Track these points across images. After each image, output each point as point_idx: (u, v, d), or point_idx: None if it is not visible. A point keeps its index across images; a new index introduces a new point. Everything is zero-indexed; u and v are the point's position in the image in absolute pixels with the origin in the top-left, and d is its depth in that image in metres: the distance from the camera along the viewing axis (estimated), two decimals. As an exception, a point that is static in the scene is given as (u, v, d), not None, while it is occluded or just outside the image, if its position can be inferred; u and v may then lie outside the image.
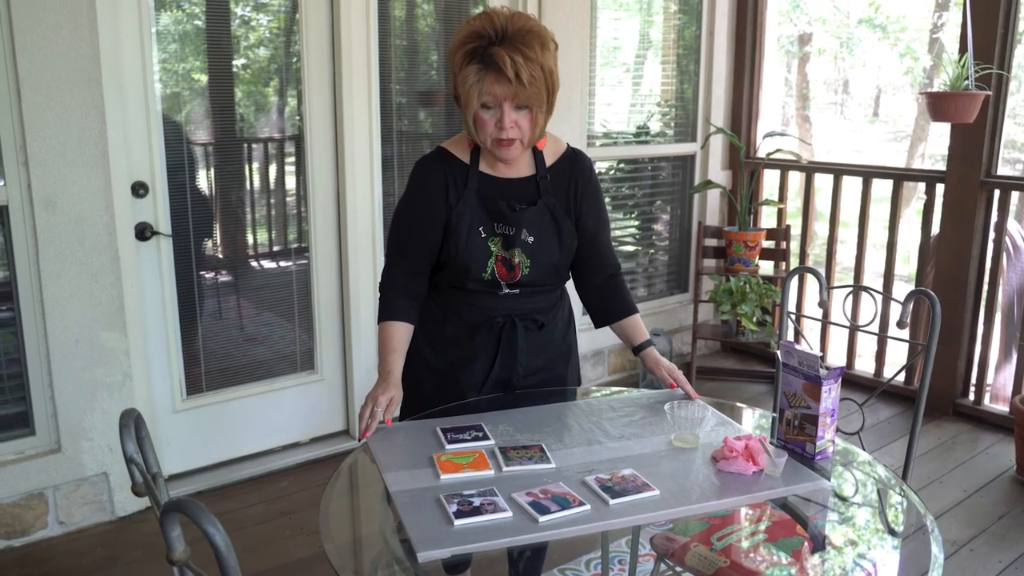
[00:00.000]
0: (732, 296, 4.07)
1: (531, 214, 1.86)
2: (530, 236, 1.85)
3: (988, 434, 3.75)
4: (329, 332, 3.46)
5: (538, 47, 1.71)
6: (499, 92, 1.71)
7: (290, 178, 3.38)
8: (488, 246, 1.85)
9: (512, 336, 1.91)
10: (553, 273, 1.92)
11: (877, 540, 1.52)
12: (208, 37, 3.06)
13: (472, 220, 1.84)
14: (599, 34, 4.14)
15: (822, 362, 1.62)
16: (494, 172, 1.88)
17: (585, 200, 1.94)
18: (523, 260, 1.86)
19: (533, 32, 1.72)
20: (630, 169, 4.49)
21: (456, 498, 1.43)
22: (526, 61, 1.68)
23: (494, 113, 1.74)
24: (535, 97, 1.72)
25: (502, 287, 1.88)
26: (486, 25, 1.71)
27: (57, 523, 2.84)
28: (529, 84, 1.70)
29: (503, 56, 1.67)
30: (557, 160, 1.93)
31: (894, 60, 11.17)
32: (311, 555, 2.76)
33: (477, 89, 1.71)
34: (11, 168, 2.60)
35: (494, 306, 1.90)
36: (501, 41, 1.69)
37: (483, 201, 1.86)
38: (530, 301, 1.93)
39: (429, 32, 3.65)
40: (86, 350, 2.78)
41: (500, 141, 1.77)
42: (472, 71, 1.71)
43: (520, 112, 1.75)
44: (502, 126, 1.74)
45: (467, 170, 1.87)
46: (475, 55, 1.71)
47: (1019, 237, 4.33)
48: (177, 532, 0.90)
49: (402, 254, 1.91)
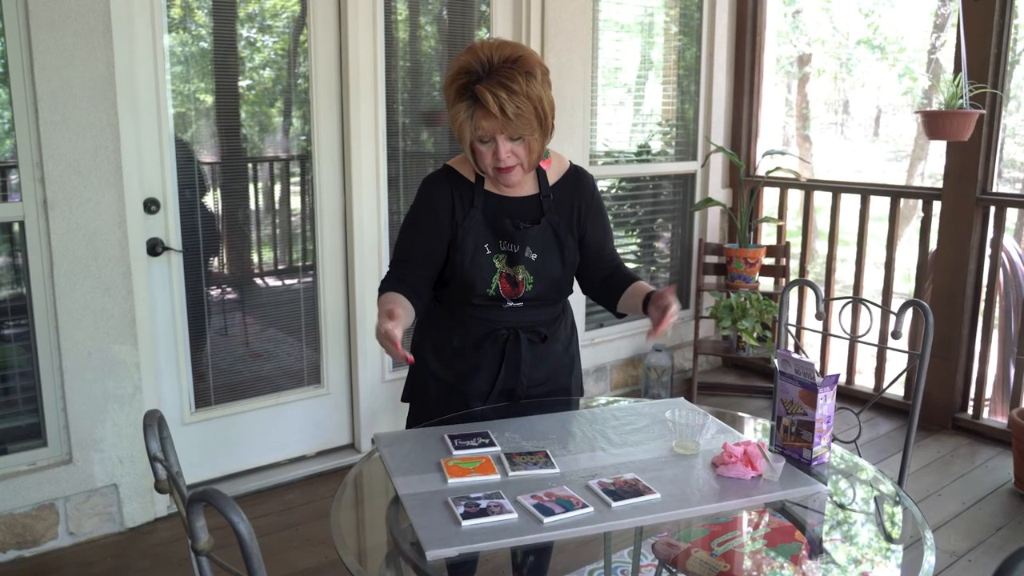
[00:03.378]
0: (733, 312, 4.12)
1: (535, 232, 1.90)
2: (533, 253, 1.90)
3: (987, 447, 3.79)
4: (335, 347, 3.51)
5: (522, 78, 1.72)
6: (488, 127, 1.75)
7: (296, 197, 3.45)
8: (493, 263, 1.90)
9: (516, 348, 1.96)
10: (555, 289, 1.97)
11: (874, 547, 1.56)
12: (215, 58, 3.14)
13: (477, 237, 1.89)
14: (601, 55, 4.22)
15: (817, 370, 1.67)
16: (499, 191, 1.93)
17: (589, 218, 1.99)
18: (526, 276, 1.91)
19: (519, 63, 1.74)
20: (631, 187, 4.55)
21: (463, 500, 1.48)
22: (509, 95, 1.71)
23: (490, 145, 1.79)
24: (524, 128, 1.76)
25: (506, 301, 1.93)
26: (472, 60, 1.74)
27: (67, 533, 2.88)
28: (516, 117, 1.73)
29: (485, 94, 1.70)
30: (560, 179, 1.98)
31: (893, 80, 11.27)
32: (318, 566, 2.79)
33: (469, 125, 1.76)
34: (28, 184, 2.67)
35: (498, 319, 1.95)
36: (487, 76, 1.72)
37: (488, 219, 1.90)
38: (533, 313, 1.98)
39: (432, 53, 3.73)
40: (98, 363, 2.84)
41: (500, 169, 1.82)
42: (462, 108, 1.76)
43: (515, 142, 1.79)
44: (499, 156, 1.79)
45: (473, 189, 1.92)
46: (464, 92, 1.75)
47: (1015, 254, 4.38)
48: (202, 522, 0.94)
49: (404, 264, 1.94)
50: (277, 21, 3.27)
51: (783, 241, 4.59)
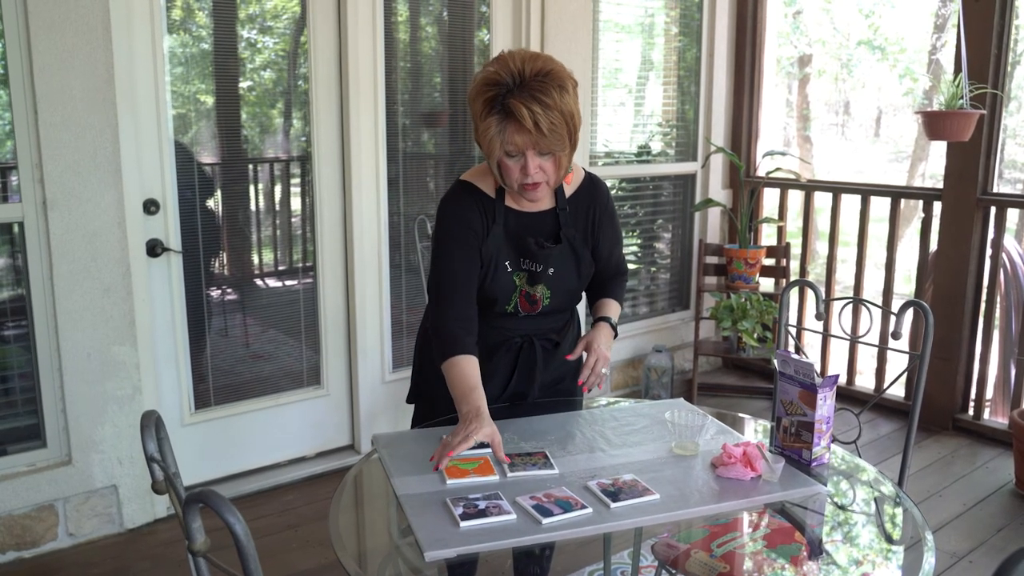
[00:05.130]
0: (733, 313, 4.12)
1: (557, 251, 1.88)
2: (551, 268, 1.88)
3: (987, 448, 3.78)
4: (335, 348, 3.51)
5: (556, 92, 1.67)
6: (520, 142, 1.69)
7: (296, 198, 3.44)
8: (513, 280, 1.87)
9: (531, 355, 1.95)
10: (570, 299, 1.97)
11: (875, 548, 1.55)
12: (215, 59, 3.14)
13: (499, 255, 1.86)
14: (601, 56, 4.22)
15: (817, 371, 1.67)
16: (517, 206, 1.89)
17: (602, 228, 1.96)
18: (544, 293, 1.90)
19: (551, 75, 1.68)
20: (632, 188, 4.55)
21: (462, 501, 1.48)
22: (544, 109, 1.65)
23: (518, 160, 1.73)
24: (557, 143, 1.70)
25: (522, 313, 1.92)
26: (502, 71, 1.68)
27: (67, 535, 2.88)
28: (549, 132, 1.67)
29: (520, 108, 1.64)
30: (576, 190, 1.95)
31: (894, 81, 11.28)
32: (317, 567, 2.79)
33: (500, 140, 1.69)
34: (27, 185, 2.67)
35: (513, 327, 1.94)
36: (519, 88, 1.66)
37: (509, 236, 1.87)
38: (546, 321, 1.97)
39: (432, 54, 3.73)
40: (97, 364, 2.83)
41: (526, 186, 1.76)
42: (493, 122, 1.68)
43: (544, 157, 1.73)
44: (527, 172, 1.73)
45: (494, 204, 1.87)
46: (494, 104, 1.68)
47: (1016, 254, 4.37)
48: (198, 523, 0.94)
49: (456, 291, 1.84)
50: (278, 22, 3.27)
51: (783, 242, 4.59)
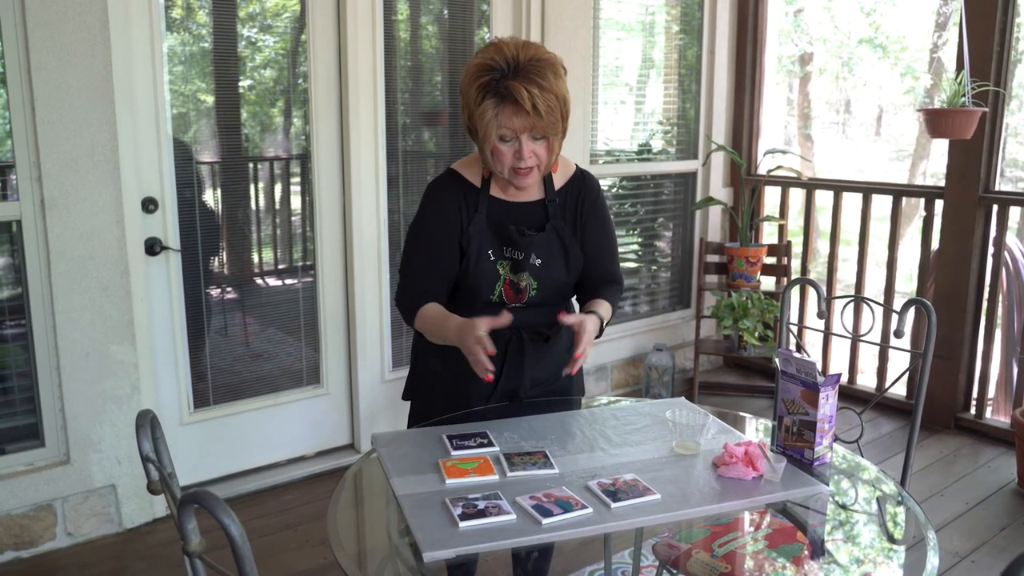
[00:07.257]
0: (734, 311, 4.10)
1: (540, 239, 1.88)
2: (538, 259, 1.88)
3: (989, 447, 3.77)
4: (335, 347, 3.49)
5: (551, 75, 1.72)
6: (517, 125, 1.72)
7: (295, 197, 3.43)
8: (497, 269, 1.88)
9: (519, 348, 1.94)
10: (559, 293, 1.96)
11: (877, 547, 1.54)
12: (215, 58, 3.12)
13: (481, 243, 1.87)
14: (602, 54, 4.21)
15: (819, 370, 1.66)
16: (504, 196, 1.91)
17: (588, 223, 1.96)
18: (530, 283, 1.89)
19: (545, 61, 1.73)
20: (632, 186, 4.54)
21: (461, 501, 1.46)
22: (542, 92, 1.69)
23: (512, 145, 1.76)
24: (552, 126, 1.74)
25: (509, 304, 1.91)
26: (496, 57, 1.71)
27: (65, 534, 2.87)
28: (546, 114, 1.71)
29: (519, 89, 1.68)
30: (566, 183, 1.96)
31: (895, 80, 11.26)
32: (316, 567, 2.78)
33: (495, 123, 1.72)
34: (24, 183, 2.66)
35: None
36: (514, 73, 1.70)
37: (492, 225, 1.88)
38: (536, 315, 1.96)
39: (432, 53, 3.72)
40: (95, 363, 2.82)
41: (518, 171, 1.78)
42: (489, 105, 1.71)
43: (537, 142, 1.76)
44: (521, 156, 1.76)
45: (478, 193, 1.89)
46: (490, 89, 1.71)
47: (1018, 252, 4.36)
48: (193, 524, 0.93)
49: (418, 272, 1.90)
50: (278, 21, 3.25)
51: (784, 240, 4.58)
